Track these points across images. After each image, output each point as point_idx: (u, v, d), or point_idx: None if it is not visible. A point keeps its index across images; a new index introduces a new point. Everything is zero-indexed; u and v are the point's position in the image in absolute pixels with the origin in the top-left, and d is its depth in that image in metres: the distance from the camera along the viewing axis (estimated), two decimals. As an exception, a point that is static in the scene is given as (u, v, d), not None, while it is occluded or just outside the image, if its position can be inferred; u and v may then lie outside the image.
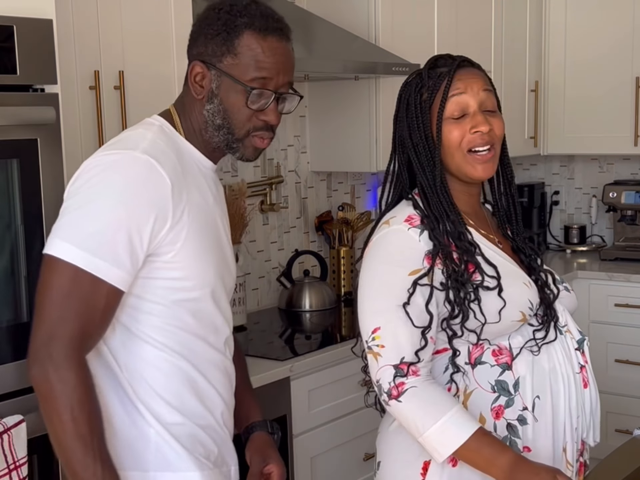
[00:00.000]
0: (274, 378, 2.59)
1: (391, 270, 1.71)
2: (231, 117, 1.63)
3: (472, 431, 1.63)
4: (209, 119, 1.64)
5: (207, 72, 1.63)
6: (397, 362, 1.67)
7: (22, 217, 1.92)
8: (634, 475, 1.96)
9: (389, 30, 3.34)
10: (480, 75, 1.78)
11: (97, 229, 1.48)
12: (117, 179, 1.52)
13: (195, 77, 1.64)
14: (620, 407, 3.90)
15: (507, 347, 1.74)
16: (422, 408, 1.65)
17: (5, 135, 1.86)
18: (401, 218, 1.75)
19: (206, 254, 1.62)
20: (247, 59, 1.61)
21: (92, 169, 1.54)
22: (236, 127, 1.64)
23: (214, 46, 1.62)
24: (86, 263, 1.47)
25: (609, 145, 4.21)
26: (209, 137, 1.66)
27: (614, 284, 3.95)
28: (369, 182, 3.93)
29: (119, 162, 1.54)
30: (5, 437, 1.80)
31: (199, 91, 1.64)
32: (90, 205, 1.50)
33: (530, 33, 4.20)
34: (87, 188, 1.52)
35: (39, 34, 1.92)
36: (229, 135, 1.65)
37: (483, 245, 1.78)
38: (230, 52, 1.61)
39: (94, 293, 1.48)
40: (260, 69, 1.61)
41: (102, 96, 2.35)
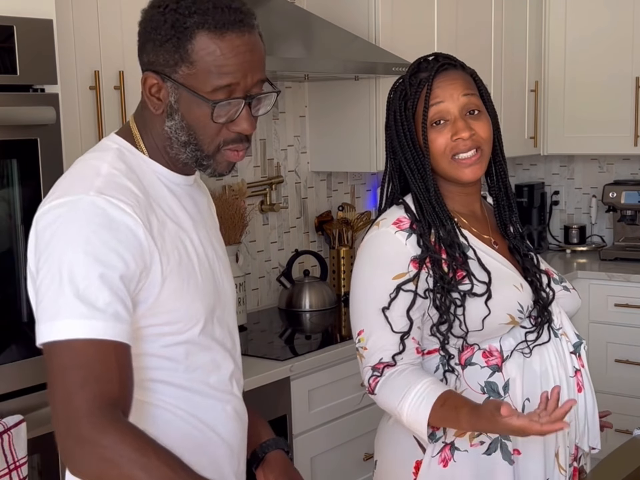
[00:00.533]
0: (274, 378, 2.59)
1: (376, 273, 1.73)
2: (197, 132, 1.41)
3: (431, 405, 1.64)
4: (172, 135, 1.42)
5: (163, 84, 1.39)
6: (375, 362, 1.71)
7: (22, 217, 1.92)
8: (634, 475, 1.96)
9: (389, 30, 3.34)
10: (460, 79, 1.76)
11: (76, 292, 1.28)
12: (76, 233, 1.31)
13: (150, 90, 1.40)
14: (620, 407, 3.89)
15: (498, 349, 1.73)
16: (391, 395, 1.69)
17: (5, 135, 1.86)
18: (390, 220, 1.75)
19: (189, 288, 1.43)
20: (205, 67, 1.36)
21: (47, 229, 1.34)
22: (204, 144, 1.42)
23: (165, 54, 1.37)
24: (75, 331, 1.28)
25: (609, 145, 4.21)
26: (174, 153, 1.44)
27: (613, 284, 3.95)
28: (369, 182, 3.93)
29: (74, 211, 1.32)
30: (5, 437, 1.80)
31: (157, 105, 1.41)
32: (61, 274, 1.30)
33: (530, 33, 4.20)
34: (49, 256, 1.32)
35: (39, 34, 1.92)
36: (197, 152, 1.43)
37: (477, 249, 1.77)
38: (185, 60, 1.36)
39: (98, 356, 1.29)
40: (223, 76, 1.36)
41: (102, 96, 2.35)
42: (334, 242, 3.64)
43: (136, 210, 1.35)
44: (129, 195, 1.37)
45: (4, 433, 1.80)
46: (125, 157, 1.44)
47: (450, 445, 1.72)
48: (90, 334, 1.28)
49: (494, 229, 1.86)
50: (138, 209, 1.36)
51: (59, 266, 1.30)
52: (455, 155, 1.74)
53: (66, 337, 1.28)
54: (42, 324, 1.31)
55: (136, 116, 1.49)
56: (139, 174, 1.43)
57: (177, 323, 1.42)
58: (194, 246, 1.47)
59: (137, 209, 1.36)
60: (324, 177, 3.72)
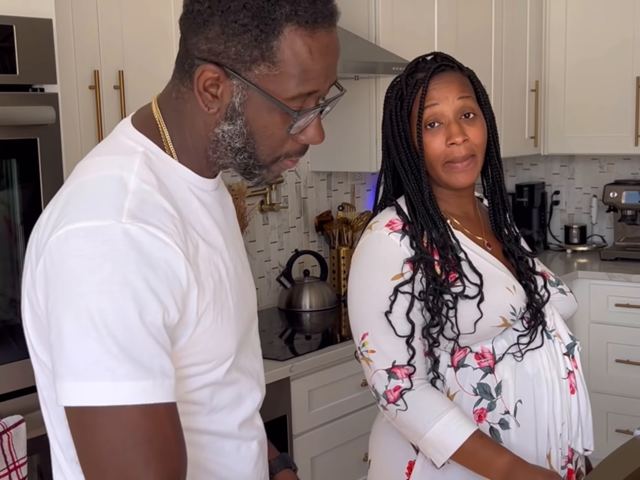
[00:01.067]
0: (274, 378, 2.59)
1: (374, 275, 1.72)
2: (258, 141, 1.19)
3: (469, 434, 1.63)
4: (223, 140, 1.19)
5: (226, 81, 1.15)
6: (389, 366, 1.68)
7: (22, 217, 1.92)
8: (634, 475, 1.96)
9: (389, 30, 3.33)
10: (456, 81, 1.74)
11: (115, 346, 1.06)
12: (109, 273, 1.07)
13: (204, 84, 1.16)
14: (620, 407, 3.90)
15: (490, 351, 1.72)
16: (418, 412, 1.66)
17: (5, 135, 1.86)
18: (383, 223, 1.75)
19: (222, 321, 1.22)
20: (289, 69, 1.13)
21: (67, 262, 1.09)
22: (263, 154, 1.20)
23: (240, 47, 1.12)
24: (121, 395, 1.07)
25: (609, 145, 4.21)
26: (216, 158, 1.22)
27: (614, 284, 3.95)
28: (369, 182, 3.93)
29: (104, 244, 1.08)
30: (5, 437, 1.80)
31: (211, 103, 1.17)
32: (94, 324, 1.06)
33: (530, 33, 4.20)
34: (74, 299, 1.08)
35: (39, 34, 1.92)
36: (251, 160, 1.21)
37: (470, 251, 1.76)
38: (266, 58, 1.13)
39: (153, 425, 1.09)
40: (307, 82, 1.15)
41: (102, 96, 2.34)
42: (334, 242, 3.64)
43: (175, 239, 1.13)
44: (166, 218, 1.14)
45: (4, 433, 1.80)
46: (153, 163, 1.19)
47: None
48: (139, 399, 1.07)
49: (488, 231, 1.85)
50: (177, 237, 1.14)
51: (89, 313, 1.06)
52: (449, 161, 1.73)
53: (110, 404, 1.06)
54: (70, 382, 1.07)
55: (164, 107, 1.25)
56: (168, 185, 1.19)
57: (207, 363, 1.22)
58: (226, 268, 1.25)
59: (177, 237, 1.13)
60: (324, 177, 3.72)
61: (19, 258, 1.92)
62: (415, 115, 1.72)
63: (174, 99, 1.23)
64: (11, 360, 1.91)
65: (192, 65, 1.17)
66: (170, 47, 2.54)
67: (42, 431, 1.93)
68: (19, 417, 1.84)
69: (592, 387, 1.86)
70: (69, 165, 2.02)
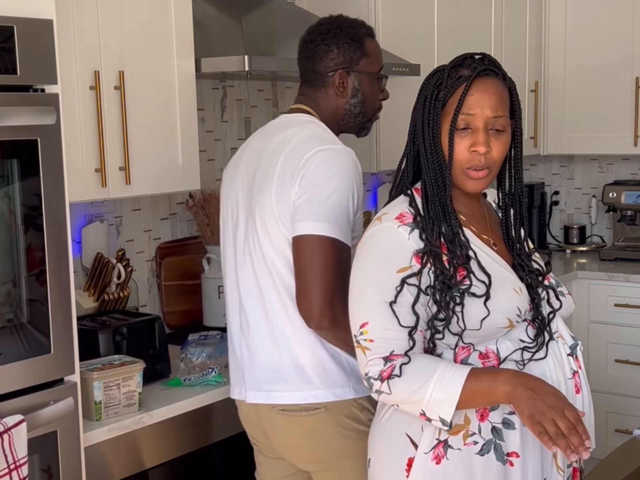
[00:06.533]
0: (274, 378, 2.59)
1: (380, 267, 1.72)
2: (367, 104, 2.19)
3: (466, 373, 1.65)
4: (350, 109, 2.18)
5: (347, 76, 2.15)
6: (387, 354, 1.69)
7: (22, 217, 1.92)
8: (634, 475, 1.96)
9: (389, 30, 3.33)
10: (497, 93, 1.75)
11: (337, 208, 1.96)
12: (341, 168, 1.99)
13: (337, 82, 2.15)
14: (620, 407, 3.90)
15: (494, 351, 1.73)
16: (413, 375, 1.67)
17: (6, 135, 1.86)
18: (392, 215, 1.76)
19: None
20: (373, 57, 2.19)
21: (331, 163, 1.98)
22: (370, 111, 2.21)
23: (349, 55, 2.15)
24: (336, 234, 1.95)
25: (608, 146, 4.21)
26: (344, 124, 2.20)
27: (613, 284, 3.95)
28: (369, 182, 3.93)
29: (341, 154, 2.00)
30: (5, 437, 1.80)
31: (343, 92, 2.16)
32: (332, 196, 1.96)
33: (530, 33, 4.20)
34: (327, 179, 1.97)
35: (39, 34, 1.92)
36: (364, 119, 2.21)
37: (478, 249, 1.76)
38: (364, 55, 2.16)
39: (345, 257, 1.96)
40: (380, 60, 2.23)
41: (102, 96, 2.34)
42: (334, 242, 3.63)
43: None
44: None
45: (4, 433, 1.80)
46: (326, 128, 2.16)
47: (444, 442, 1.72)
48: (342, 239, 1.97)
49: (493, 229, 1.86)
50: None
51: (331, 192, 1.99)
52: (468, 167, 1.75)
53: (330, 235, 1.95)
54: (315, 222, 1.95)
55: (308, 103, 2.18)
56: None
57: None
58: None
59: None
60: (324, 177, 3.71)
61: (20, 258, 1.92)
62: (450, 114, 1.73)
63: (313, 98, 2.19)
64: (11, 360, 1.91)
65: (326, 75, 2.17)
66: (170, 47, 2.54)
67: (42, 431, 1.94)
68: (20, 417, 1.84)
69: (591, 386, 1.86)
70: (69, 165, 2.02)
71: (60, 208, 1.98)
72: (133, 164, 2.44)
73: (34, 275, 1.94)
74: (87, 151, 2.34)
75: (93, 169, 2.35)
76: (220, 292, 3.00)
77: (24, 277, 1.93)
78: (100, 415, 2.17)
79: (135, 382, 2.22)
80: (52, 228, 1.96)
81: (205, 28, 2.78)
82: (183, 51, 2.58)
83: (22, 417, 1.85)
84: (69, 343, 2.01)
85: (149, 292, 3.02)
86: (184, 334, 2.76)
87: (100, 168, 2.36)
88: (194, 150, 2.64)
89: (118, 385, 2.19)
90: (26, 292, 1.93)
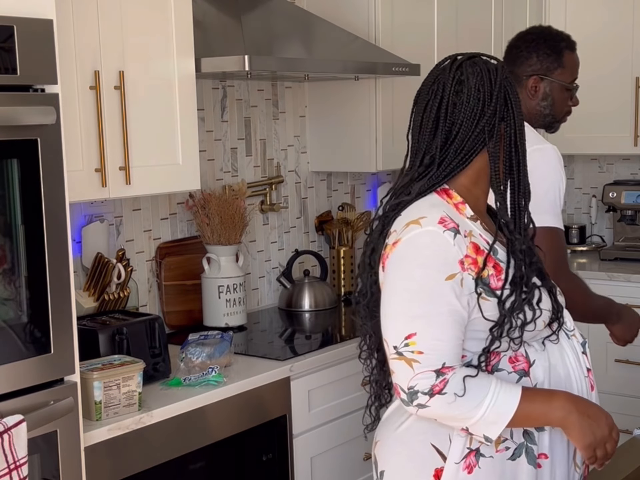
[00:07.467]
0: (274, 378, 2.59)
1: (429, 274, 1.63)
2: (556, 108, 2.55)
3: (519, 395, 1.62)
4: (539, 111, 2.53)
5: (541, 82, 2.51)
6: (439, 367, 1.61)
7: (22, 217, 1.91)
8: (634, 475, 1.96)
9: (389, 30, 3.34)
10: None
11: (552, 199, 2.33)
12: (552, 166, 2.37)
13: (531, 86, 2.50)
14: (620, 407, 3.89)
15: (523, 354, 1.72)
16: (465, 392, 1.61)
17: (5, 135, 1.86)
18: (434, 219, 1.66)
19: None
20: (568, 69, 2.53)
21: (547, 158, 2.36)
22: (559, 114, 2.57)
23: (547, 64, 2.50)
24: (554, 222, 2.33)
25: (608, 146, 4.21)
26: (534, 122, 2.52)
27: (614, 284, 3.94)
28: (369, 182, 3.93)
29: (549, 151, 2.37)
30: (5, 437, 1.80)
31: (534, 95, 2.51)
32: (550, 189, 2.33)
33: (530, 33, 4.20)
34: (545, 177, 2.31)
35: (39, 34, 1.92)
36: (552, 119, 2.56)
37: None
38: (560, 66, 2.52)
39: (563, 239, 2.42)
40: (575, 72, 2.58)
41: (102, 96, 2.35)
42: (334, 242, 3.64)
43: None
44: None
45: (4, 433, 1.80)
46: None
47: (476, 451, 1.68)
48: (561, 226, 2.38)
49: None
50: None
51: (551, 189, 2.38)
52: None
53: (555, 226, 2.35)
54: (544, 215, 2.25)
55: None
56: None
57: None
58: None
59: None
60: (324, 177, 3.72)
61: (20, 258, 1.92)
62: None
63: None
64: (11, 360, 1.91)
65: (521, 79, 2.49)
66: (170, 47, 2.54)
67: (42, 431, 1.94)
68: (20, 417, 1.84)
69: (591, 386, 1.87)
70: (69, 166, 2.02)
71: (60, 208, 1.98)
72: (133, 164, 2.44)
73: (34, 275, 1.94)
74: (87, 151, 2.34)
75: (93, 169, 2.35)
76: (220, 292, 3.01)
77: (24, 277, 1.93)
78: (100, 415, 2.17)
79: (135, 382, 2.23)
80: (52, 228, 1.96)
81: (205, 28, 2.78)
82: (183, 51, 2.58)
83: (22, 417, 1.85)
84: (69, 343, 2.01)
85: (149, 292, 3.02)
86: (184, 334, 2.76)
87: (100, 168, 2.36)
88: (194, 150, 2.64)
89: (118, 385, 2.19)
90: (26, 292, 1.93)
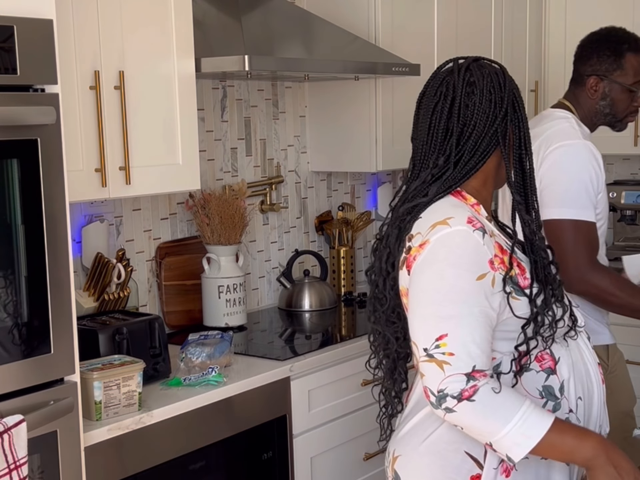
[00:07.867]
0: (274, 378, 2.59)
1: (460, 274, 1.62)
2: (616, 107, 2.60)
3: (549, 423, 1.57)
4: (600, 109, 2.61)
5: (600, 82, 2.58)
6: (469, 370, 1.58)
7: (22, 217, 1.91)
8: (634, 475, 1.96)
9: (389, 30, 3.33)
10: None
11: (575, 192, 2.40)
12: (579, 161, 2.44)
13: (591, 85, 2.58)
14: (620, 407, 3.89)
15: (548, 352, 1.73)
16: (496, 406, 1.58)
17: (5, 135, 1.86)
18: (462, 219, 1.66)
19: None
20: (629, 70, 2.57)
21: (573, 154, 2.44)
22: (619, 114, 2.62)
23: (607, 65, 2.56)
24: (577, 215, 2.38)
25: (609, 145, 4.17)
26: (596, 120, 2.63)
27: (613, 284, 3.94)
28: (369, 182, 3.93)
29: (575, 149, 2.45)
30: (5, 437, 1.80)
31: (594, 94, 2.59)
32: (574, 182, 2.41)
33: (530, 33, 4.20)
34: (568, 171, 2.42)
35: (39, 34, 1.92)
36: (613, 119, 2.63)
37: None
38: (619, 68, 2.56)
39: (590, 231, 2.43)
40: (637, 74, 2.58)
41: (102, 96, 2.35)
42: (334, 242, 3.64)
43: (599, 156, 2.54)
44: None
45: (4, 433, 1.80)
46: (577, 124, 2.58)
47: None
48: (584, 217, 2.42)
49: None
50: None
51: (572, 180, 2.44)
52: None
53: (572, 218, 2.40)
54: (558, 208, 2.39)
55: (569, 100, 2.63)
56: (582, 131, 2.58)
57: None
58: None
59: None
60: (324, 177, 3.72)
61: (20, 258, 1.92)
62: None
63: (574, 95, 2.64)
64: (11, 360, 1.91)
65: (583, 78, 2.60)
66: (170, 47, 2.54)
67: (42, 431, 1.94)
68: (20, 417, 1.84)
69: (591, 387, 1.89)
70: (69, 165, 2.02)
71: (60, 208, 1.98)
72: (133, 164, 2.44)
73: (33, 275, 1.94)
74: (87, 151, 2.34)
75: (93, 169, 2.35)
76: (220, 292, 3.01)
77: (23, 277, 1.93)
78: (100, 415, 2.17)
79: (135, 382, 2.23)
80: (52, 228, 1.96)
81: (205, 28, 2.78)
82: (183, 51, 2.58)
83: (22, 417, 1.85)
84: (69, 343, 2.01)
85: (149, 292, 3.02)
86: (184, 334, 2.76)
87: (100, 168, 2.36)
88: (194, 150, 2.64)
89: (118, 385, 2.19)
90: (26, 292, 1.93)
